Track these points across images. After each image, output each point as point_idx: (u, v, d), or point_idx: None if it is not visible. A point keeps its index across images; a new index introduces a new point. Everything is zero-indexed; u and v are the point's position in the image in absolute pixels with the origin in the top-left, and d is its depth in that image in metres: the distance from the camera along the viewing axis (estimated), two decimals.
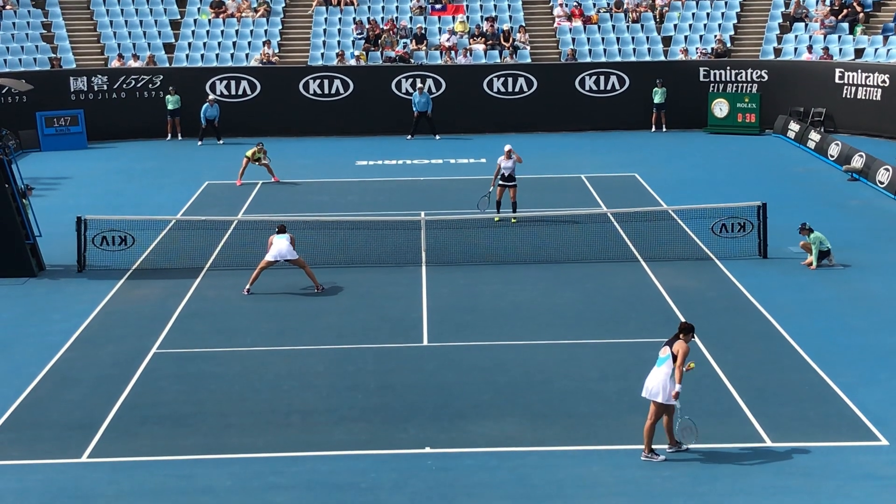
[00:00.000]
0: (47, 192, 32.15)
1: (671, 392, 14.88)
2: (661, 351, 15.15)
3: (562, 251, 25.16)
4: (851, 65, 39.81)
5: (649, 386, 15.05)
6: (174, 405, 17.22)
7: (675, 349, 14.96)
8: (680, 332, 15.15)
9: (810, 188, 31.61)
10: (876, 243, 25.68)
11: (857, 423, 16.19)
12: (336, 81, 41.13)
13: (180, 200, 30.99)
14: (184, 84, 40.62)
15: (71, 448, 15.75)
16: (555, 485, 14.48)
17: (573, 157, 36.54)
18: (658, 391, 14.89)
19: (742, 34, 43.95)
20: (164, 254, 25.50)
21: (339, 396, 17.44)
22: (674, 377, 14.89)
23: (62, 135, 39.23)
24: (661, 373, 14.97)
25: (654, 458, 15.02)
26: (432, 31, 44.14)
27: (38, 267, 24.34)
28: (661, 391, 14.87)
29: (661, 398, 14.88)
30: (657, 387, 14.93)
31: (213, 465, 15.21)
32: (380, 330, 20.46)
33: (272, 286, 22.73)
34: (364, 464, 15.16)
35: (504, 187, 27.46)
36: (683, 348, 14.97)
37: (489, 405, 16.99)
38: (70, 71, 41.07)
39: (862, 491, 14.18)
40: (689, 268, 23.88)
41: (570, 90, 41.22)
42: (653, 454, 15.04)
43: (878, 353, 18.92)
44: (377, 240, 25.98)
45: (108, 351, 19.62)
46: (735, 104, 40.40)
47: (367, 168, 35.70)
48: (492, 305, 21.73)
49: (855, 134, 38.69)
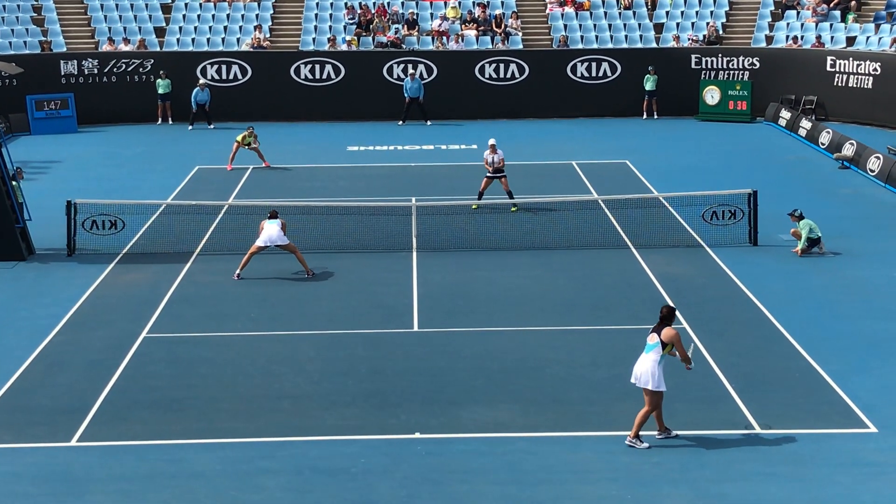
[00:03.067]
0: (37, 175, 32.05)
1: (684, 368, 15.12)
2: (650, 338, 15.14)
3: (553, 238, 25.17)
4: (843, 53, 39.84)
5: (637, 373, 15.05)
6: (164, 389, 17.20)
7: (664, 337, 14.96)
8: (665, 318, 15.15)
9: (801, 176, 31.65)
10: (866, 231, 25.73)
11: (847, 410, 16.23)
12: (327, 66, 41.04)
13: (171, 185, 30.94)
14: (174, 68, 40.51)
15: (61, 432, 15.74)
16: (545, 470, 14.51)
17: (564, 143, 36.52)
18: (647, 378, 14.89)
19: (734, 22, 43.95)
20: (154, 238, 25.45)
21: (330, 382, 17.44)
22: (661, 364, 14.90)
23: (52, 118, 39.12)
24: (649, 360, 14.96)
25: (637, 445, 15.02)
26: (424, 16, 44.06)
27: (28, 251, 24.28)
28: (650, 378, 14.87)
29: (650, 385, 14.88)
30: (646, 374, 14.92)
31: (203, 449, 15.21)
32: (371, 315, 20.46)
33: (263, 271, 22.71)
34: (355, 449, 15.17)
35: (492, 178, 27.42)
36: (674, 334, 14.98)
37: (480, 391, 17.01)
38: (60, 54, 40.95)
39: (851, 478, 14.22)
40: (679, 255, 23.91)
41: (561, 77, 41.20)
42: (638, 440, 15.05)
43: (867, 341, 18.97)
44: (368, 225, 25.97)
45: (98, 335, 19.60)
46: (726, 91, 40.44)
47: (358, 153, 35.66)
48: (483, 292, 21.74)
49: (846, 122, 38.75)
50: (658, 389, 14.92)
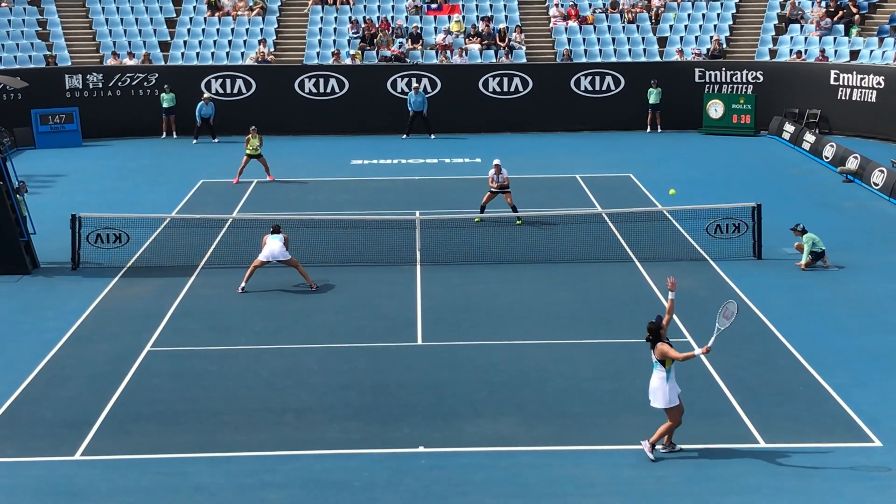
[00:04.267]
0: (42, 189, 32.11)
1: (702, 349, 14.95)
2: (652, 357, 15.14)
3: (556, 251, 25.17)
4: (846, 66, 39.84)
5: (650, 393, 15.12)
6: (168, 403, 17.20)
7: (657, 356, 14.94)
8: (650, 338, 15.09)
9: (805, 189, 31.64)
10: (870, 245, 25.71)
11: (851, 423, 16.20)
12: (331, 80, 41.12)
13: (175, 198, 30.97)
14: (179, 82, 40.61)
15: (64, 446, 15.74)
16: (548, 484, 14.49)
17: (568, 157, 36.54)
18: (657, 397, 14.97)
19: (737, 35, 43.99)
20: (158, 252, 25.48)
21: (334, 395, 17.43)
22: (669, 380, 14.88)
23: (57, 132, 39.21)
24: (657, 378, 15.00)
25: (648, 452, 15.00)
26: (428, 30, 44.14)
27: (33, 264, 24.31)
28: (659, 397, 14.94)
29: (660, 403, 14.91)
30: (654, 393, 15.03)
31: (206, 463, 15.20)
32: (374, 329, 20.46)
33: (266, 284, 22.72)
34: (358, 462, 15.16)
35: (495, 193, 27.35)
36: (664, 349, 14.94)
37: (483, 404, 16.99)
38: (65, 69, 41.05)
39: (855, 492, 14.19)
40: (683, 268, 23.88)
41: (565, 90, 41.25)
42: (651, 448, 14.98)
43: (871, 354, 18.94)
44: (372, 239, 25.98)
45: (101, 349, 19.60)
46: (730, 105, 40.45)
47: (362, 167, 35.69)
48: (486, 305, 21.73)
49: (850, 135, 38.73)
50: (670, 406, 14.90)
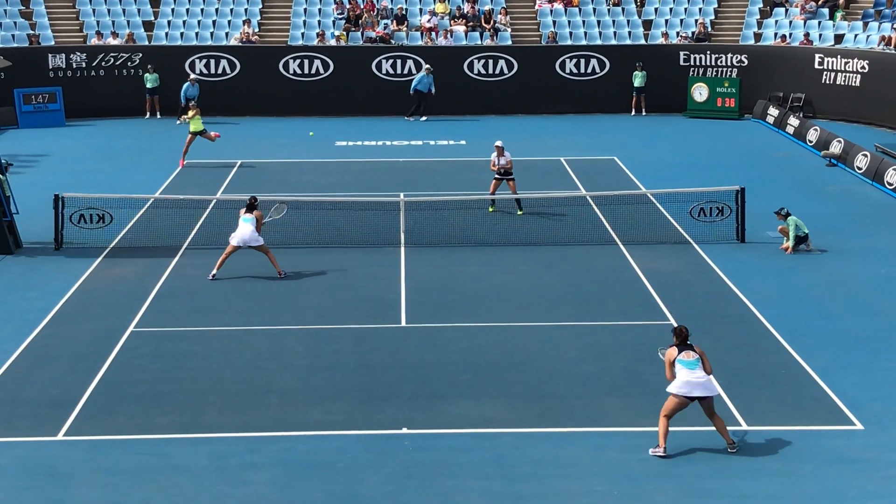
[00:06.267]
0: (25, 169, 31.95)
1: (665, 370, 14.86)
2: (687, 355, 14.77)
3: (541, 234, 25.18)
4: (831, 50, 39.91)
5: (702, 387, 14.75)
6: (151, 384, 17.17)
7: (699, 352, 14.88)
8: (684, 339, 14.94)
9: (789, 173, 31.71)
10: (853, 229, 25.80)
11: (833, 407, 16.27)
12: (316, 61, 40.99)
13: (159, 179, 30.87)
14: (163, 62, 40.41)
15: (47, 426, 15.70)
16: (532, 465, 14.52)
17: (553, 139, 36.54)
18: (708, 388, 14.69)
19: (722, 19, 44.00)
20: (142, 232, 25.40)
21: (318, 376, 17.43)
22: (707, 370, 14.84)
23: (40, 112, 39.00)
24: (702, 371, 14.73)
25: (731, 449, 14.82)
26: (413, 11, 44.02)
27: (15, 244, 24.20)
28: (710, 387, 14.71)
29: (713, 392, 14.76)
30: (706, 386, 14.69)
31: (190, 443, 15.18)
32: (358, 310, 20.45)
33: (249, 265, 22.66)
34: (342, 443, 15.17)
35: (500, 180, 27.12)
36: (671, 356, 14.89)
37: (467, 386, 17.01)
38: (48, 48, 40.80)
39: (837, 474, 14.26)
40: (667, 251, 23.94)
41: (550, 73, 41.22)
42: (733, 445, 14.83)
43: (854, 338, 19.02)
44: (356, 220, 25.93)
45: (85, 329, 19.55)
46: (715, 88, 40.50)
47: (346, 149, 35.62)
48: (470, 287, 21.74)
49: (834, 119, 38.84)
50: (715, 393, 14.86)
